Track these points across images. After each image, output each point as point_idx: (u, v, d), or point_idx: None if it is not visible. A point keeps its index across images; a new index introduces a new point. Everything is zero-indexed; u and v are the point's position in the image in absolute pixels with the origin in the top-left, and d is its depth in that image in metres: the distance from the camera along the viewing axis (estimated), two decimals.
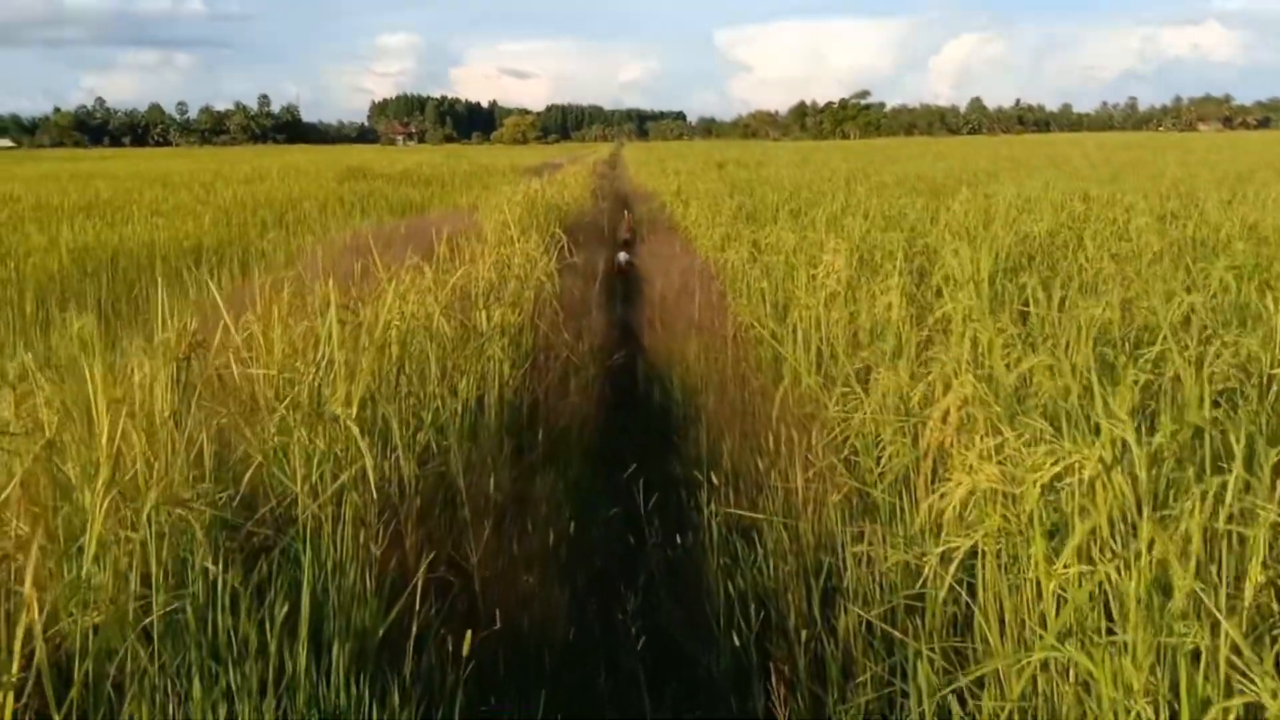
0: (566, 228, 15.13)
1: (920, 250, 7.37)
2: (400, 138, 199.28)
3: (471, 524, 3.31)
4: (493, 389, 5.21)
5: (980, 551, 2.60)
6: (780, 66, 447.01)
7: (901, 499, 3.37)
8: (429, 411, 4.33)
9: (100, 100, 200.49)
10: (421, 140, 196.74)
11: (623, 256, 16.55)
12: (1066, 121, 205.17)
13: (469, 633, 2.58)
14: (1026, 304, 4.93)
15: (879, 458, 3.69)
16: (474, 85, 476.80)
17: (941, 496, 2.73)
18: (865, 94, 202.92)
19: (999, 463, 2.74)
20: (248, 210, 17.59)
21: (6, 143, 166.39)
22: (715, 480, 3.95)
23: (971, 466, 2.68)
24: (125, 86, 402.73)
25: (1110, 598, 2.30)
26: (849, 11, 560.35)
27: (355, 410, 2.94)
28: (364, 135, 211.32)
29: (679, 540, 3.86)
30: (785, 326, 6.10)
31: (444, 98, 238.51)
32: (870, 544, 3.21)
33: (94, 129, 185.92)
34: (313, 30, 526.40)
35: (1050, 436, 2.65)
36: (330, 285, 4.64)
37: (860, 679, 2.93)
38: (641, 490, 3.94)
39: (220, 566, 2.61)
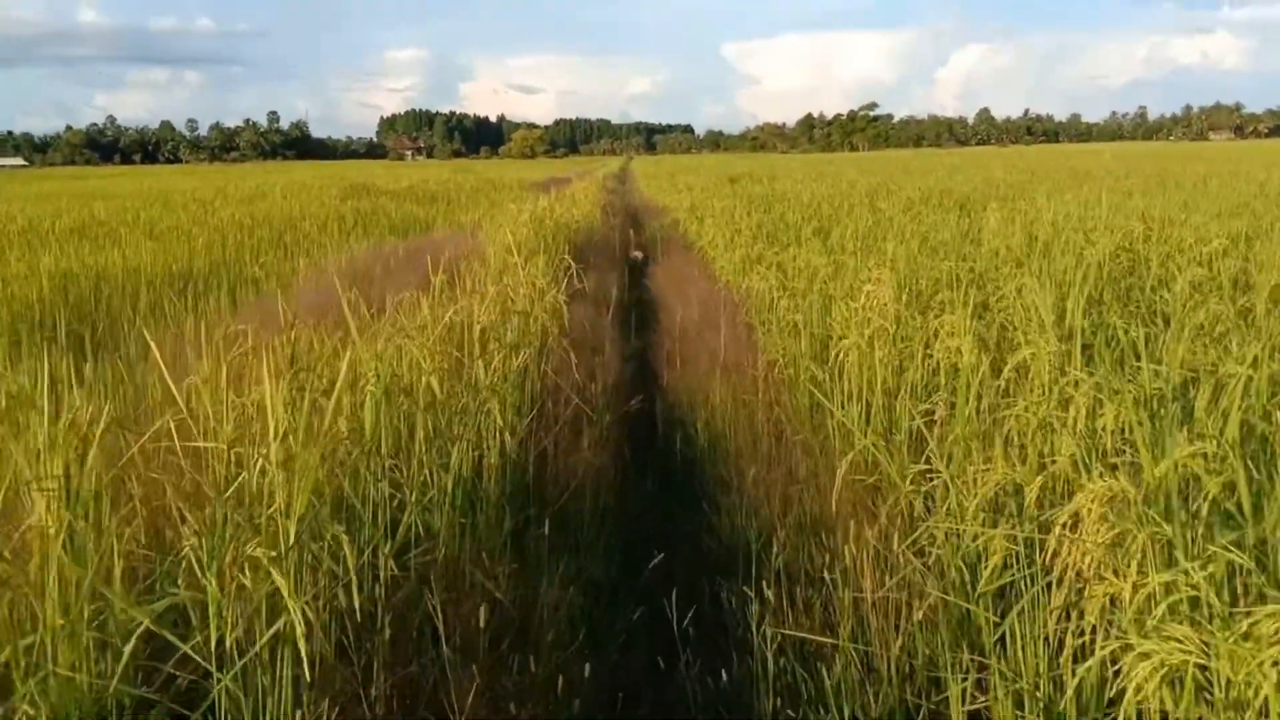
0: (576, 247, 14.42)
1: (970, 278, 6.62)
2: (409, 153, 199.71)
3: (456, 668, 2.56)
4: (493, 448, 4.48)
5: None
6: (787, 79, 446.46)
7: (1009, 615, 2.61)
8: (414, 488, 3.59)
9: (111, 118, 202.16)
10: (430, 155, 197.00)
11: (636, 254, 15.91)
12: (1075, 131, 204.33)
13: None
14: (1114, 350, 4.18)
15: (961, 551, 2.94)
16: (482, 100, 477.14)
17: (1099, 675, 1.96)
18: (873, 105, 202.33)
19: (1167, 607, 1.99)
20: (244, 231, 16.90)
21: (18, 161, 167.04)
22: (764, 583, 3.17)
23: (1142, 620, 1.92)
24: (137, 104, 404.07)
25: None
26: (855, 24, 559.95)
27: (294, 534, 2.19)
28: (373, 150, 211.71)
29: (722, 673, 3.07)
30: (825, 369, 5.36)
31: (452, 113, 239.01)
32: (981, 684, 2.45)
33: (105, 147, 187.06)
34: (322, 47, 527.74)
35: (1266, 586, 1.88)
36: (289, 341, 3.92)
37: None
38: (674, 600, 3.16)
39: None
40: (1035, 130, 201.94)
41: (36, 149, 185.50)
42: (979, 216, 12.74)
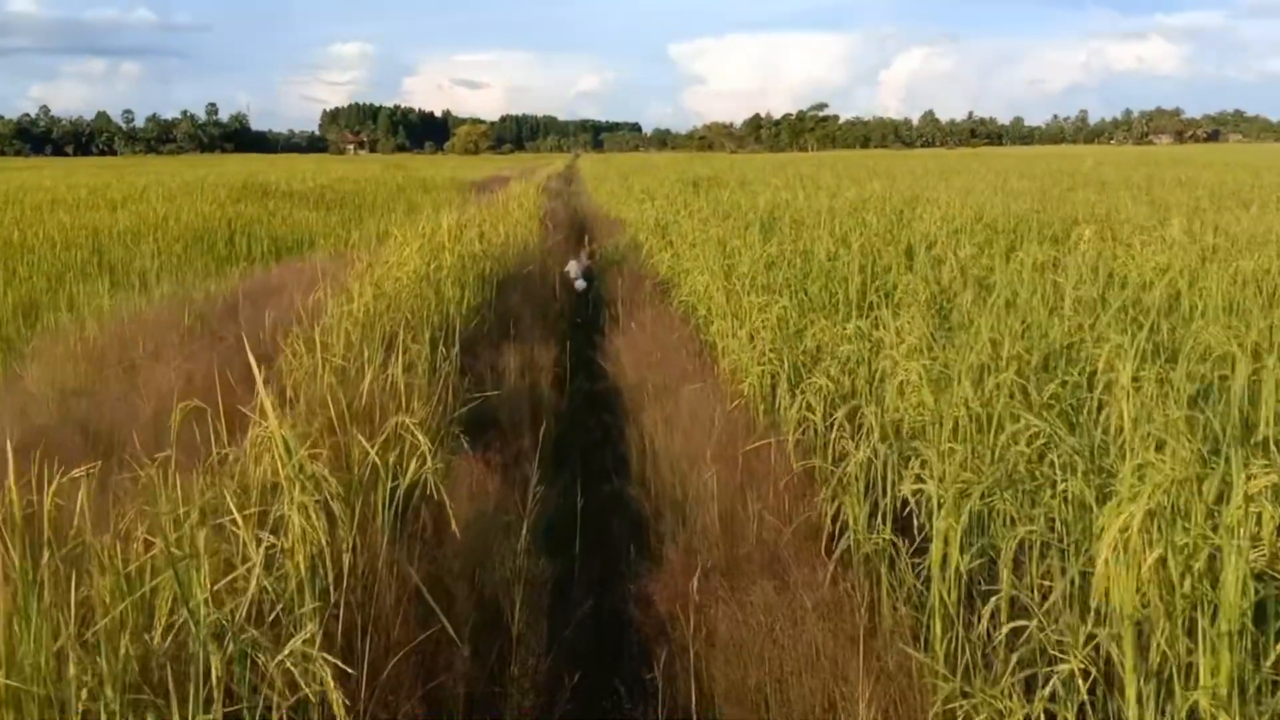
0: (500, 283, 10.18)
1: None
2: (351, 147, 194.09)
3: None
4: None
5: None
6: (733, 79, 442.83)
7: None
8: None
9: (44, 108, 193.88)
10: (373, 149, 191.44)
11: (580, 284, 11.76)
12: (1019, 134, 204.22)
13: None
14: None
15: None
16: (427, 95, 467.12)
17: None
18: (823, 106, 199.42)
19: None
20: (58, 252, 12.43)
21: None
22: None
23: None
24: (74, 95, 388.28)
25: None
26: (799, 25, 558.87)
27: None
28: (314, 144, 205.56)
29: None
30: None
31: (396, 107, 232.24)
32: None
33: (36, 138, 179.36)
34: (265, 40, 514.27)
35: None
36: None
37: None
38: None
39: None
40: (979, 133, 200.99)
41: None
42: (1073, 248, 8.77)
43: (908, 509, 3.36)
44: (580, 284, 11.82)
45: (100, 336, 6.61)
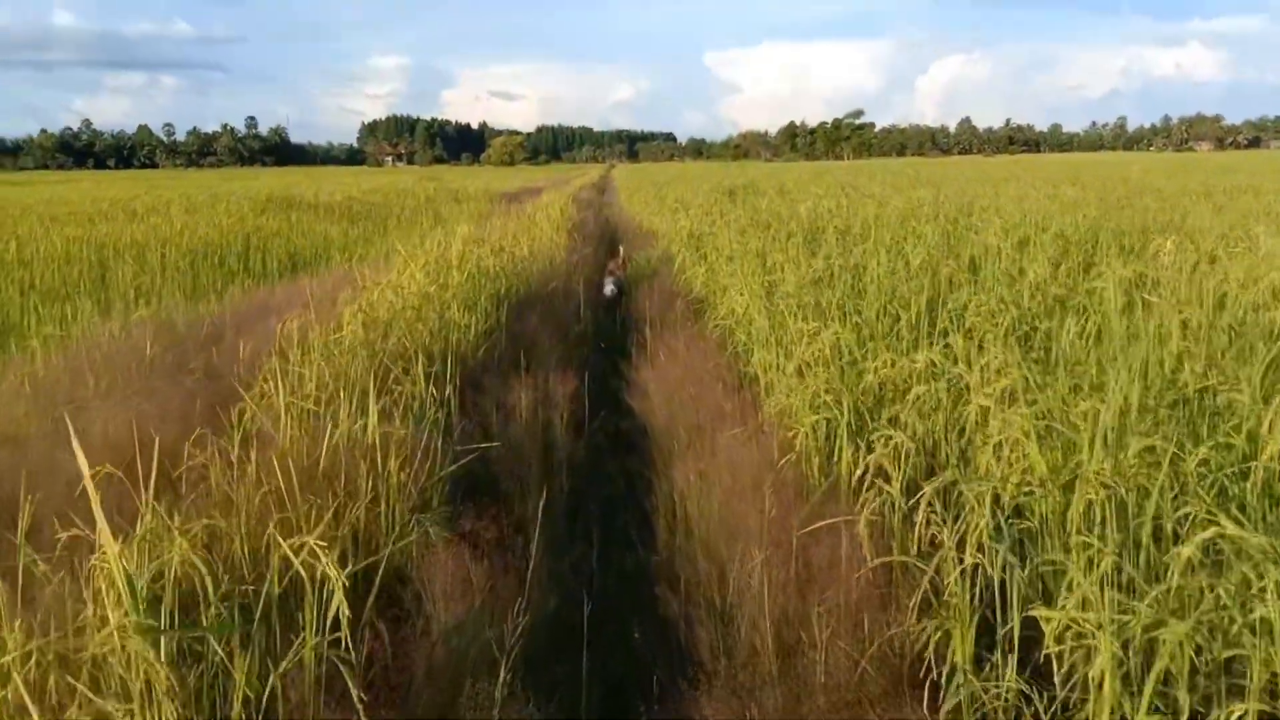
0: (518, 303, 9.31)
1: None
2: (389, 159, 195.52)
3: None
4: None
5: None
6: (769, 87, 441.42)
7: None
8: None
9: (87, 121, 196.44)
10: (410, 161, 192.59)
11: (610, 289, 11.01)
12: (1057, 141, 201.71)
13: None
14: None
15: None
16: (464, 107, 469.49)
17: None
18: (859, 113, 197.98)
19: None
20: (56, 267, 11.72)
21: None
22: None
23: None
24: (115, 108, 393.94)
25: None
26: (834, 34, 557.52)
27: None
28: (353, 156, 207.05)
29: None
30: None
31: (434, 119, 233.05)
32: None
33: (79, 151, 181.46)
34: (303, 53, 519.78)
35: None
36: None
37: None
38: None
39: None
40: (1017, 140, 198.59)
41: (7, 152, 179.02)
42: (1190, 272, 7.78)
43: (1031, 628, 2.45)
44: (610, 288, 11.03)
45: (54, 369, 5.80)
